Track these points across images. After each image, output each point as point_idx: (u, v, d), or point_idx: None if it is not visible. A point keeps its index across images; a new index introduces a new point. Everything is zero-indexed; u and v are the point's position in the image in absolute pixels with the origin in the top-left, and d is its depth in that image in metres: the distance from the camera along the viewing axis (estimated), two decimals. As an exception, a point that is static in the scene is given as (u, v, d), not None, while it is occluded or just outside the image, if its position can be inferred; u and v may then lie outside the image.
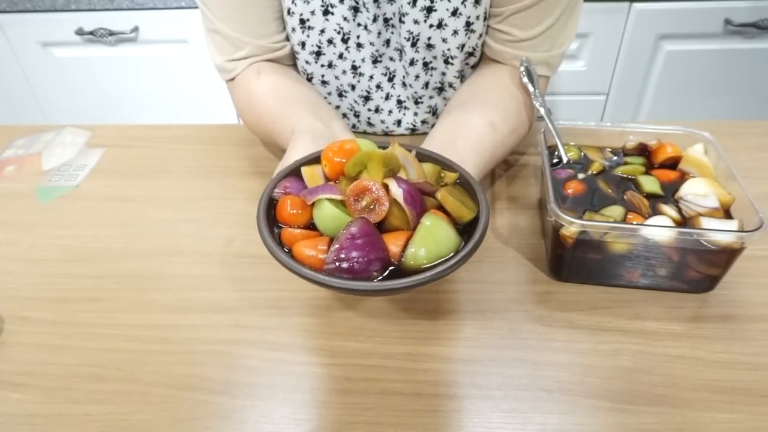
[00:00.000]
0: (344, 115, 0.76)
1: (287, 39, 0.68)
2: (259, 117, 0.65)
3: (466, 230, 0.42)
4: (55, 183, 0.70)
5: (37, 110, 1.48)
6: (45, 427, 0.43)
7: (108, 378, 0.46)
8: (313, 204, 0.41)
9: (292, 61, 0.70)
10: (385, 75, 0.71)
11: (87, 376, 0.46)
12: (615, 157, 0.59)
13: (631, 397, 0.43)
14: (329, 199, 0.40)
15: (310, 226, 0.42)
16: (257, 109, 0.64)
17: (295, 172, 0.46)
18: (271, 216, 0.43)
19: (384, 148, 0.46)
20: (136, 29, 1.31)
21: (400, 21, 0.64)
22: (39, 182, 0.70)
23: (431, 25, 0.63)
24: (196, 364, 0.47)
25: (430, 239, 0.39)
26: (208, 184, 0.69)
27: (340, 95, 0.73)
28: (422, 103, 0.73)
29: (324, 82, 0.71)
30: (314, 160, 0.46)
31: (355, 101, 0.73)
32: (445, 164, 0.47)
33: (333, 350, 0.48)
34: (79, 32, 1.30)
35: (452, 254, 0.39)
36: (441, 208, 0.42)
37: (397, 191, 0.40)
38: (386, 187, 0.40)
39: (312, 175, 0.45)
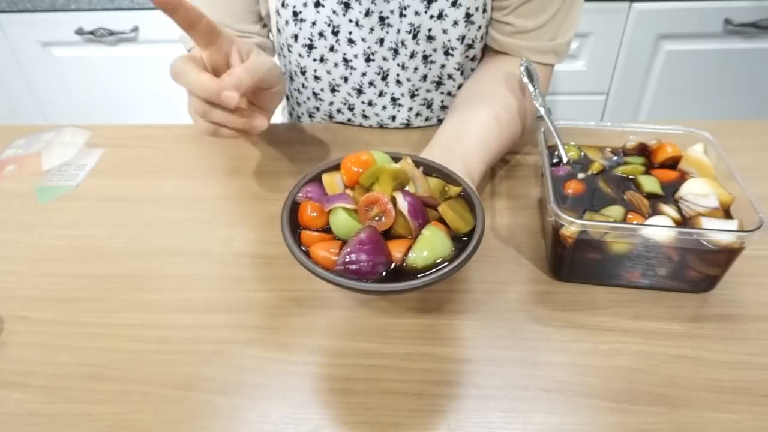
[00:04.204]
0: (339, 110, 0.77)
1: (258, 35, 0.71)
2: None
3: (467, 238, 0.45)
4: (55, 183, 0.70)
5: (37, 110, 1.48)
6: (45, 427, 0.43)
7: (108, 378, 0.46)
8: (329, 211, 0.46)
9: None
10: (379, 74, 0.72)
11: (87, 376, 0.46)
12: (615, 157, 0.59)
13: (631, 397, 0.43)
14: (343, 208, 0.45)
15: (327, 229, 0.47)
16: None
17: (316, 178, 0.50)
18: (293, 218, 0.47)
19: (397, 159, 0.51)
20: (136, 29, 1.31)
21: (402, 15, 0.65)
22: (39, 182, 0.70)
23: (432, 16, 0.64)
24: (196, 364, 0.47)
25: (429, 248, 0.43)
26: (208, 184, 0.69)
27: (333, 90, 0.74)
28: (418, 95, 0.74)
29: (317, 77, 0.72)
30: (334, 167, 0.51)
31: (349, 94, 0.74)
32: (450, 178, 0.51)
33: (333, 350, 0.48)
34: (79, 32, 1.30)
35: (446, 263, 0.43)
36: (442, 219, 0.46)
37: (403, 204, 0.44)
38: (394, 199, 0.45)
39: (331, 182, 0.49)
